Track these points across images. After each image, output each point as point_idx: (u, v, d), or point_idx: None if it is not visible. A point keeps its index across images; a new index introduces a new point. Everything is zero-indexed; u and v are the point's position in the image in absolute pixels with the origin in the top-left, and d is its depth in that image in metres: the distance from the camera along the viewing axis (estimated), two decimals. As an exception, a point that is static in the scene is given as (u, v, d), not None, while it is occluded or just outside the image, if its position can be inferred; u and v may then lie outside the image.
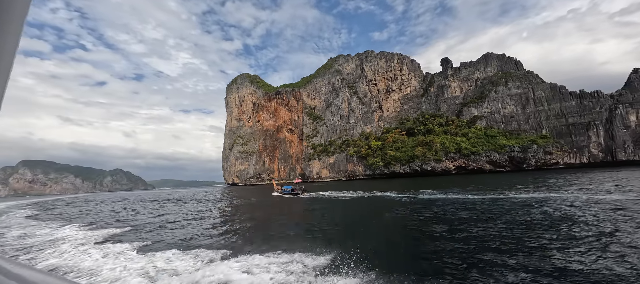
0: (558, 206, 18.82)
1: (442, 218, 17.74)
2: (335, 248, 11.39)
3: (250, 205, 34.53)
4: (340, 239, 13.57)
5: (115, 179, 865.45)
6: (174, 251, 12.06)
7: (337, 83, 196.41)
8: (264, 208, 30.39)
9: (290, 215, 23.72)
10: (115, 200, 68.20)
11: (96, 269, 9.95)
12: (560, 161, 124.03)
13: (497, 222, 15.13)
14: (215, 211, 29.17)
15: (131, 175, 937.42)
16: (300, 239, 13.62)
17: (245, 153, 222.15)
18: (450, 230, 14.07)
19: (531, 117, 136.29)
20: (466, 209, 20.43)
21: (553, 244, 10.43)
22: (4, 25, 0.77)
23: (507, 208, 19.43)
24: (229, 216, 24.04)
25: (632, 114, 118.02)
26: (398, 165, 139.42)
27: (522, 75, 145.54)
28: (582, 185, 32.87)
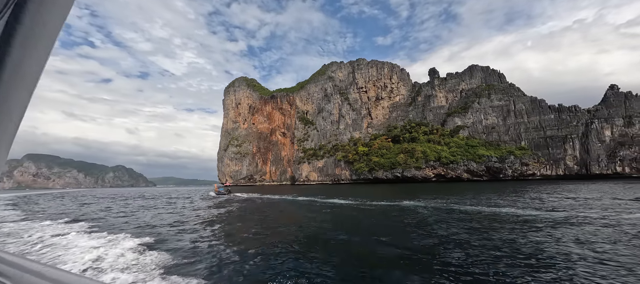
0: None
1: (339, 227, 15.41)
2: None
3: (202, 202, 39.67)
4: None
5: (117, 175, 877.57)
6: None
7: (330, 89, 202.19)
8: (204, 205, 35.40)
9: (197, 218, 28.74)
10: (103, 196, 73.70)
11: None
12: (537, 172, 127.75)
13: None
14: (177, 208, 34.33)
15: (133, 172, 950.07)
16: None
17: (239, 155, 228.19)
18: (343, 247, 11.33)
19: (511, 128, 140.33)
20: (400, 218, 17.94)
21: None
22: (39, 39, 0.87)
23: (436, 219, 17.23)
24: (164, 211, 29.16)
25: (607, 129, 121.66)
26: (381, 171, 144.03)
27: (504, 87, 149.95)
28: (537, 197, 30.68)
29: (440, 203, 26.74)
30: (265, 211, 25.38)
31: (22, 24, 0.84)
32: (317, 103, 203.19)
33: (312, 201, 34.14)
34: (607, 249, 9.76)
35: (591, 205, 22.07)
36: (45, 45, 0.89)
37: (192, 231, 14.89)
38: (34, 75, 0.94)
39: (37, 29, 0.85)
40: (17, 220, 20.93)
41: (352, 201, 32.05)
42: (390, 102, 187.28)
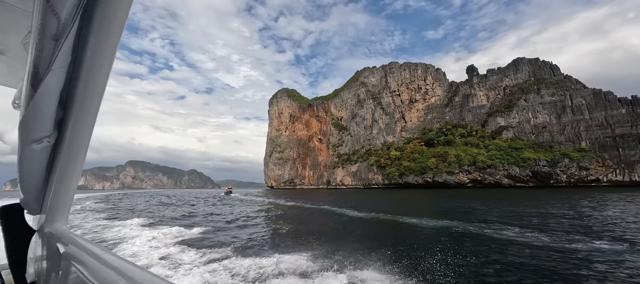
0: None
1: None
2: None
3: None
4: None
5: (190, 178, 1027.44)
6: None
7: (362, 95, 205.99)
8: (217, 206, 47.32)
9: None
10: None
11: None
12: (603, 178, 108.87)
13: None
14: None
15: (202, 175, 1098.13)
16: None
17: (282, 160, 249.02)
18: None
19: (568, 127, 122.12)
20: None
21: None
22: (103, 48, 0.99)
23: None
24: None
25: None
26: (411, 175, 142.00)
27: (558, 80, 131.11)
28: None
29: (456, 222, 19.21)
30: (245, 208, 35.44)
31: (87, 44, 0.99)
32: (351, 109, 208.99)
33: (327, 210, 31.00)
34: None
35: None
36: (107, 63, 1.04)
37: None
38: (100, 90, 1.11)
39: (99, 47, 0.99)
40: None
41: (359, 212, 27.66)
42: (425, 104, 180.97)
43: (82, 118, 1.18)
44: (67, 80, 1.09)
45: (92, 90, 1.10)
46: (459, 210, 27.78)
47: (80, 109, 1.14)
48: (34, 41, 0.88)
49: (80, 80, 1.07)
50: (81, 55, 1.02)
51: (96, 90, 1.10)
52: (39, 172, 1.42)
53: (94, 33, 0.96)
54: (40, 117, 1.13)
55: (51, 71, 0.98)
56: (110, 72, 1.06)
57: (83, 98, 1.11)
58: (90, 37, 0.97)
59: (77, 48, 1.00)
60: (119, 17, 0.93)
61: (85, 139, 1.26)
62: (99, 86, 1.09)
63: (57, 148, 1.30)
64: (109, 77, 1.08)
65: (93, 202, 45.87)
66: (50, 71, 0.98)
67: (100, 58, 1.01)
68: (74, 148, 1.27)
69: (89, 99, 1.12)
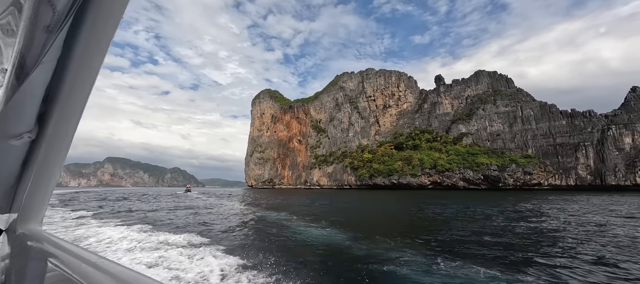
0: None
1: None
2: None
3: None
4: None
5: (173, 176, 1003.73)
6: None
7: (340, 99, 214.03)
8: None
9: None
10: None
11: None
12: (544, 182, 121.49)
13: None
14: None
15: (186, 174, 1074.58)
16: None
17: (262, 160, 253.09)
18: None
19: (518, 135, 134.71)
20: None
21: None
22: (96, 43, 0.97)
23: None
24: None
25: (627, 136, 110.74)
26: (380, 177, 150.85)
27: (511, 92, 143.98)
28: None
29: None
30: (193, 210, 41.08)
31: (80, 39, 0.97)
32: (329, 112, 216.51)
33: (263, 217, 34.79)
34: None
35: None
36: (98, 60, 1.02)
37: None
38: (88, 87, 1.09)
39: (92, 43, 0.97)
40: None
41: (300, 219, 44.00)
42: (397, 110, 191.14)
43: (66, 115, 1.17)
44: (54, 74, 1.08)
45: (80, 87, 1.10)
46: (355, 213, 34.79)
47: (66, 105, 1.14)
48: (24, 31, 0.85)
49: (68, 75, 1.06)
50: (72, 50, 1.01)
51: (84, 87, 1.11)
52: (13, 168, 1.38)
53: (88, 27, 0.95)
54: (23, 112, 1.12)
55: (41, 64, 0.96)
56: (100, 68, 1.07)
57: (69, 94, 1.11)
58: (83, 31, 0.96)
59: (69, 42, 0.99)
60: (115, 13, 0.93)
61: (68, 136, 1.25)
62: (88, 83, 1.10)
63: (37, 145, 1.26)
64: (97, 74, 1.08)
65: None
66: (39, 64, 0.96)
67: (91, 53, 1.02)
68: (56, 145, 1.25)
69: (75, 95, 1.12)
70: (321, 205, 37.94)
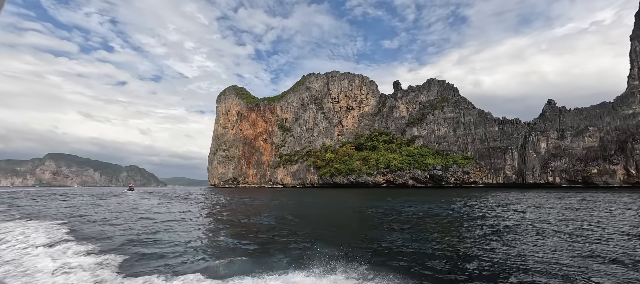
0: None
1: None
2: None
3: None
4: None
5: (129, 175, 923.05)
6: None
7: (306, 99, 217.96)
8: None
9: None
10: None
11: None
12: (479, 180, 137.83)
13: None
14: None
15: (145, 172, 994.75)
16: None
17: (227, 158, 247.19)
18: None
19: (460, 139, 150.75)
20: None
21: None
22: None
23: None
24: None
25: (543, 141, 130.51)
26: (340, 176, 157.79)
27: (456, 100, 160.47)
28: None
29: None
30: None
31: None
32: (295, 112, 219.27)
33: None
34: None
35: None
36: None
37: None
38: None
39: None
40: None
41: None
42: (359, 112, 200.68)
43: None
44: None
45: None
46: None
47: None
48: None
49: None
50: None
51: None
52: None
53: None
54: None
55: None
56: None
57: None
58: None
59: None
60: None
61: None
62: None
63: None
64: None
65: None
66: None
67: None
68: None
69: None
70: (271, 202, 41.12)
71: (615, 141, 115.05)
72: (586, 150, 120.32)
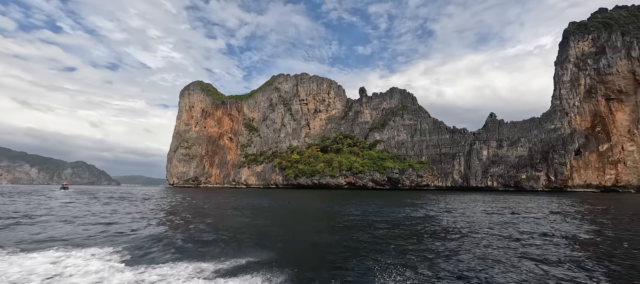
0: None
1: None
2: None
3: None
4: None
5: (76, 172, 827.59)
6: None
7: (275, 100, 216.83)
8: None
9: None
10: None
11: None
12: (431, 183, 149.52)
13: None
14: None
15: (94, 169, 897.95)
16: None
17: (188, 157, 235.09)
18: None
19: (416, 145, 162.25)
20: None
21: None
22: None
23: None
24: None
25: (485, 150, 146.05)
26: (304, 177, 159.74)
27: (415, 109, 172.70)
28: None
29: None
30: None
31: None
32: (263, 112, 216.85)
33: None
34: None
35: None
36: None
37: None
38: None
39: None
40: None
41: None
42: (327, 115, 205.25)
43: None
44: None
45: None
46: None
47: None
48: None
49: None
50: None
51: None
52: None
53: None
54: None
55: None
56: None
57: None
58: None
59: None
60: None
61: None
62: None
63: None
64: None
65: None
66: None
67: None
68: None
69: None
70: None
71: (540, 151, 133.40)
72: (518, 158, 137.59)
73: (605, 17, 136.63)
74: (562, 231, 17.73)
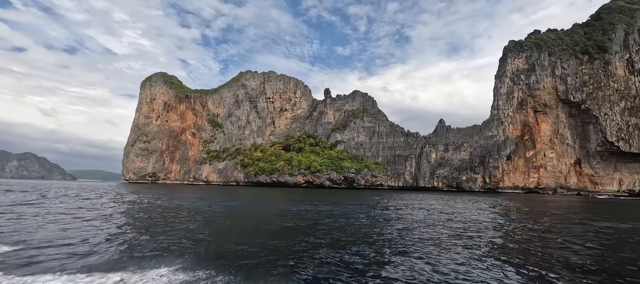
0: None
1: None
2: None
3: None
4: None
5: (23, 165, 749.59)
6: None
7: (241, 96, 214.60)
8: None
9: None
10: None
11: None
12: (384, 183, 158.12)
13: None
14: None
15: (45, 162, 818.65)
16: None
17: (147, 151, 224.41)
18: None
19: (374, 146, 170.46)
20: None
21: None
22: None
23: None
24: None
25: (433, 153, 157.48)
26: (263, 175, 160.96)
27: (374, 112, 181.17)
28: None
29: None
30: None
31: None
32: (228, 108, 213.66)
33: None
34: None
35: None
36: None
37: None
38: None
39: None
40: None
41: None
42: (292, 114, 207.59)
43: None
44: None
45: None
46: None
47: None
48: None
49: None
50: None
51: None
52: None
53: None
54: None
55: None
56: None
57: None
58: None
59: None
60: None
61: None
62: None
63: None
64: None
65: None
66: None
67: None
68: None
69: None
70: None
71: (479, 155, 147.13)
72: (461, 161, 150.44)
73: (537, 38, 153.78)
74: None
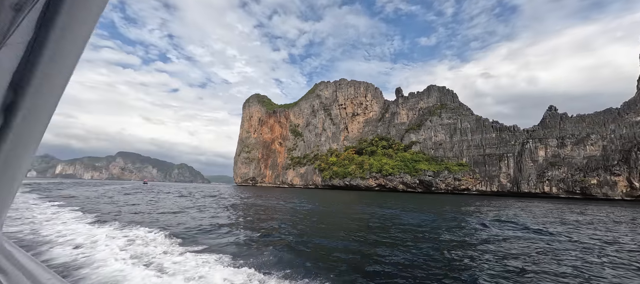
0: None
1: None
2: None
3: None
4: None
5: (180, 172, 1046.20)
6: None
7: (316, 106, 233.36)
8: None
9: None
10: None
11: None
12: (472, 188, 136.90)
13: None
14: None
15: (193, 170, 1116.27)
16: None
17: (248, 159, 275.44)
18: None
19: (456, 145, 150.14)
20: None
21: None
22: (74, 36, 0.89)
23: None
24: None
25: (541, 149, 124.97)
26: (337, 179, 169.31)
27: (455, 106, 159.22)
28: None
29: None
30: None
31: (56, 20, 0.88)
32: (306, 118, 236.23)
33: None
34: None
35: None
36: (78, 46, 0.93)
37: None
38: (65, 76, 0.97)
39: (72, 26, 0.89)
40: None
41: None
42: (364, 118, 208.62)
43: (37, 107, 1.01)
44: (24, 59, 0.96)
45: (55, 76, 0.98)
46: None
47: (37, 96, 0.99)
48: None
49: (41, 62, 0.95)
50: (47, 32, 0.91)
51: (60, 76, 0.98)
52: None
53: (66, 8, 0.87)
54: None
55: (5, 46, 0.89)
56: (80, 56, 0.97)
57: (42, 83, 0.98)
58: (62, 12, 0.87)
59: (42, 24, 0.90)
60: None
61: (38, 130, 1.07)
62: (64, 71, 0.97)
63: (1, 138, 1.04)
64: (77, 62, 0.97)
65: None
66: (3, 46, 0.88)
67: (70, 39, 0.92)
68: (23, 139, 1.05)
69: (49, 85, 0.98)
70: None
71: (619, 150, 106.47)
72: (587, 159, 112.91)
73: None
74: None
